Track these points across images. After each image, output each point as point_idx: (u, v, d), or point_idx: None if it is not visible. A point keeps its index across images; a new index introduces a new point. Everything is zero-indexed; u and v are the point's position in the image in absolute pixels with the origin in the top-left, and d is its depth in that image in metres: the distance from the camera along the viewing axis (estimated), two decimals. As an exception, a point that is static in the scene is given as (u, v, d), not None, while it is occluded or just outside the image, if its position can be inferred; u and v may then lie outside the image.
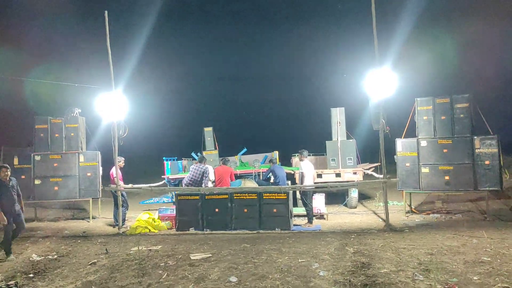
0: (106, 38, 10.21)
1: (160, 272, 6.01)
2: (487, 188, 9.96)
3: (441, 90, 11.28)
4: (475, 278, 5.16)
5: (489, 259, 6.01)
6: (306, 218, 10.51)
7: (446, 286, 4.86)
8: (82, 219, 12.38)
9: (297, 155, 11.60)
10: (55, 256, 7.39)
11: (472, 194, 11.42)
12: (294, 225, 10.00)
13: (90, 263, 6.78)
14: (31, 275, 6.21)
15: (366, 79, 9.58)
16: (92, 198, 11.99)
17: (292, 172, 12.61)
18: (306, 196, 10.41)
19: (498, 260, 5.91)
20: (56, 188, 11.73)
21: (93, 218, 12.10)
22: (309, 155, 12.24)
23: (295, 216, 10.72)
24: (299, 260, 6.30)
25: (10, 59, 18.73)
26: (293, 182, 12.31)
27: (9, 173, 7.45)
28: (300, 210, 11.16)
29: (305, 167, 10.57)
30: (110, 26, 10.22)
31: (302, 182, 10.53)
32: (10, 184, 7.45)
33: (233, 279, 5.52)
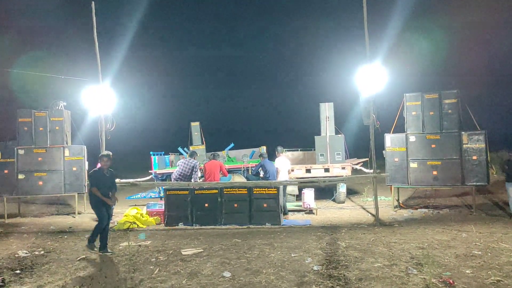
0: (93, 29, 10.00)
1: (151, 267, 5.91)
2: (475, 183, 10.09)
3: (430, 86, 11.30)
4: (467, 271, 5.20)
5: (479, 252, 6.08)
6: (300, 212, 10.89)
7: (440, 280, 4.89)
8: (67, 214, 12.14)
9: None
10: (42, 252, 7.21)
11: (458, 189, 11.58)
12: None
13: (78, 258, 6.64)
14: (18, 271, 6.03)
15: (356, 75, 9.59)
16: (78, 193, 11.76)
17: None
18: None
19: (489, 254, 5.98)
20: (40, 183, 11.48)
21: (78, 213, 11.87)
22: (296, 150, 12.25)
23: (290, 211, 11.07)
24: (292, 255, 6.28)
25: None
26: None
27: (110, 163, 7.37)
28: (292, 205, 11.57)
29: (278, 163, 10.95)
30: (97, 17, 10.00)
31: (276, 178, 10.71)
32: (108, 174, 7.30)
33: (227, 274, 5.46)
